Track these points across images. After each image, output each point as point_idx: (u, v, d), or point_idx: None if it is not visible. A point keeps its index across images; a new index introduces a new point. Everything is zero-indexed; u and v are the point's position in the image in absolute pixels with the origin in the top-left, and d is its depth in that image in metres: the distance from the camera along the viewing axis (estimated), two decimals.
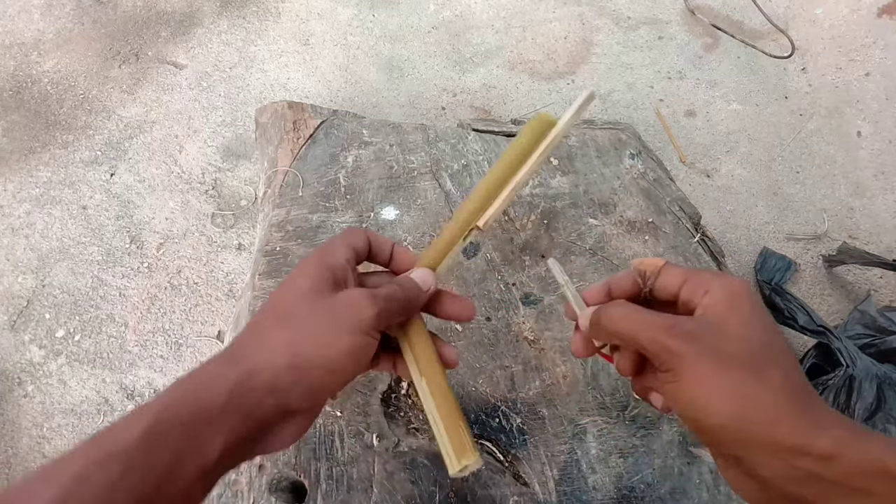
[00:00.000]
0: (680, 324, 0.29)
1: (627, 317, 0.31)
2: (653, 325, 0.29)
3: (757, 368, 0.26)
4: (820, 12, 1.48)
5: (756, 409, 0.25)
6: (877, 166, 1.25)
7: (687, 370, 0.27)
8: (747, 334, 0.28)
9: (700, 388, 0.27)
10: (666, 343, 0.28)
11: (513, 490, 0.50)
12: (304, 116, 0.75)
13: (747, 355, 0.27)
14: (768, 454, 0.25)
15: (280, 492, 0.50)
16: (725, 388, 0.26)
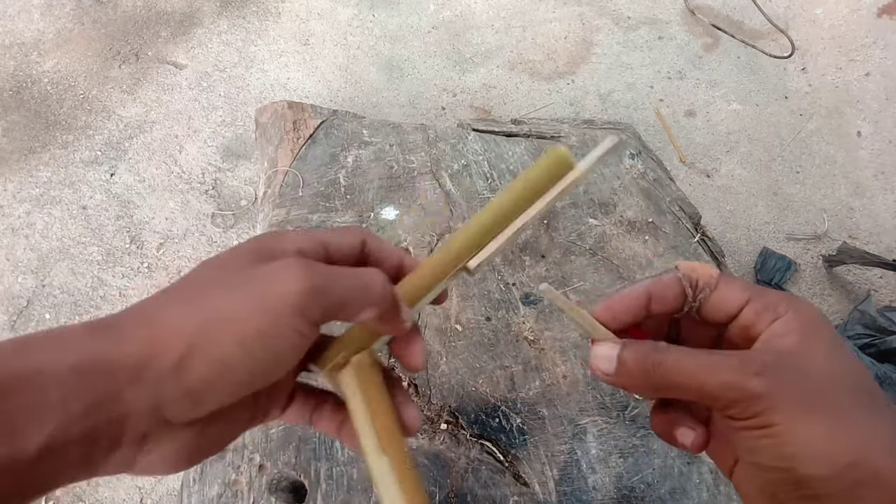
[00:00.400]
0: (754, 359, 0.23)
1: (683, 362, 0.24)
2: (723, 365, 0.23)
3: (865, 408, 0.22)
4: (820, 12, 1.48)
5: (878, 455, 0.21)
6: (877, 166, 1.25)
7: (781, 414, 0.22)
8: (839, 369, 0.23)
9: (803, 434, 0.22)
10: (748, 386, 0.22)
11: (513, 490, 0.50)
12: (304, 116, 0.75)
13: (849, 392, 0.22)
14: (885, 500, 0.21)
15: (280, 492, 0.50)
16: (837, 431, 0.21)
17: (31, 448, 0.19)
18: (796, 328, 0.24)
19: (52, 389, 0.19)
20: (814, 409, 0.22)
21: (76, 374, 0.19)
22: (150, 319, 0.22)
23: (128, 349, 0.21)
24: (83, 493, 0.95)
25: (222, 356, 0.21)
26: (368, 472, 0.28)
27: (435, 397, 0.54)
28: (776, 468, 0.23)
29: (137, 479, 0.95)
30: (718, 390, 0.23)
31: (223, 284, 0.23)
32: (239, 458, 0.51)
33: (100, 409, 0.20)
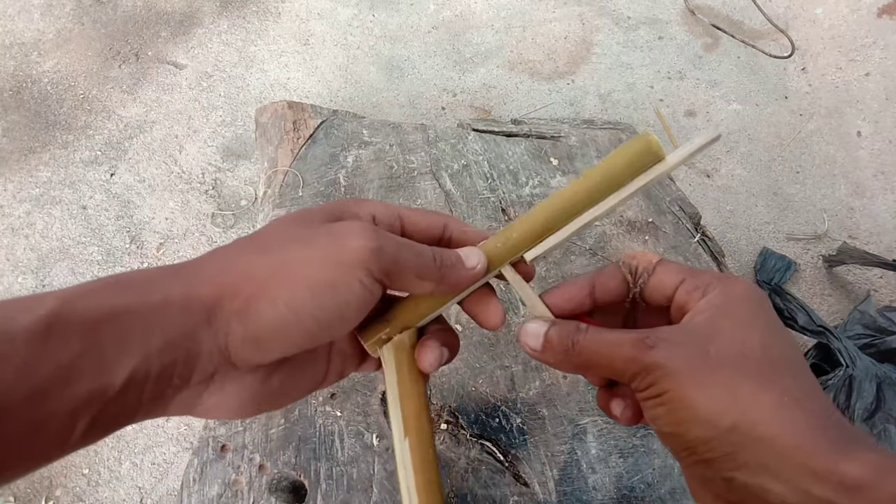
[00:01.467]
0: (652, 333, 0.24)
1: (592, 341, 0.25)
2: (622, 341, 0.24)
3: (760, 375, 0.22)
4: (820, 12, 1.48)
5: (761, 420, 0.21)
6: (877, 166, 1.25)
7: (671, 381, 0.23)
8: (745, 339, 0.23)
9: (688, 398, 0.22)
10: (642, 358, 0.23)
11: (513, 490, 0.50)
12: (304, 116, 0.75)
13: (746, 361, 0.23)
14: (774, 476, 0.21)
15: (280, 492, 0.50)
16: (719, 395, 0.22)
17: (118, 381, 0.20)
18: (716, 305, 0.24)
19: (137, 326, 0.21)
20: (702, 378, 0.22)
21: (158, 311, 0.21)
22: (225, 265, 0.23)
23: (202, 291, 0.22)
24: (83, 493, 0.95)
25: (291, 301, 0.22)
26: (393, 449, 0.29)
27: (435, 397, 0.54)
28: (671, 434, 0.24)
29: (137, 480, 0.96)
30: (622, 364, 0.24)
31: (295, 237, 0.24)
32: (239, 458, 0.51)
33: (176, 347, 0.21)
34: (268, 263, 0.23)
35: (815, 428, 0.21)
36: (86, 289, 0.21)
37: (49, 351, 0.19)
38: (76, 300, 0.20)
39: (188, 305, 0.22)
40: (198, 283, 0.22)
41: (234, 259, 0.24)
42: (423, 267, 0.26)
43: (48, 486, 0.96)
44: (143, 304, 0.21)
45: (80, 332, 0.20)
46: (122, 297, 0.21)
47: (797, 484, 0.20)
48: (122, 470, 0.96)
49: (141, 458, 0.97)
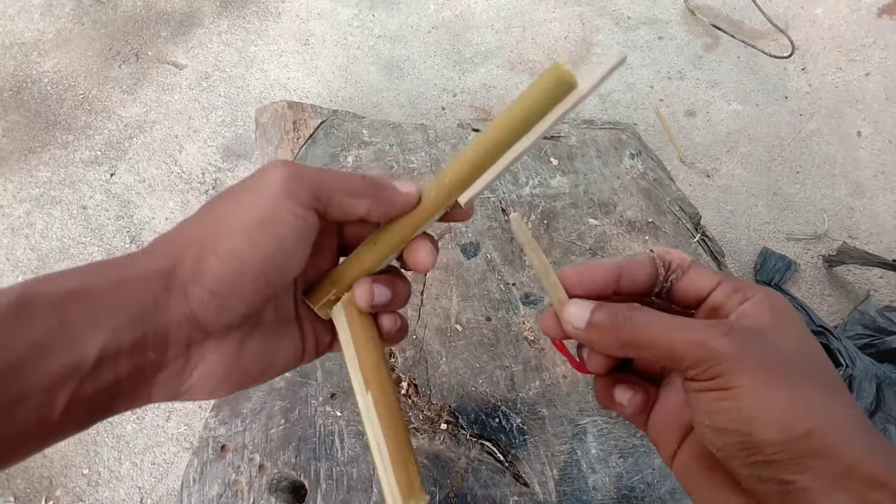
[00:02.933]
0: (723, 323, 0.24)
1: (653, 320, 0.25)
2: (691, 324, 0.24)
3: (826, 387, 0.22)
4: (820, 12, 1.48)
5: (834, 429, 0.21)
6: (877, 166, 1.25)
7: (745, 376, 0.22)
8: (806, 348, 0.23)
9: (764, 397, 0.22)
10: (714, 345, 0.22)
11: (513, 490, 0.50)
12: (304, 116, 0.75)
13: (811, 371, 0.23)
14: (838, 482, 0.21)
15: (280, 492, 0.50)
16: (797, 400, 0.22)
17: (91, 353, 0.21)
18: (766, 309, 0.24)
19: (100, 302, 0.22)
20: (776, 378, 0.22)
21: (118, 287, 0.22)
22: (172, 236, 0.25)
23: (159, 263, 0.23)
24: (83, 493, 0.95)
25: (230, 249, 0.23)
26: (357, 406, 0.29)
27: (435, 397, 0.54)
28: (732, 431, 0.23)
29: (138, 480, 0.95)
30: (685, 348, 0.23)
31: (229, 193, 0.25)
32: (239, 458, 0.51)
33: (143, 318, 0.22)
34: (205, 222, 0.25)
35: (873, 442, 0.21)
36: (51, 275, 0.22)
37: (19, 328, 0.20)
38: (42, 284, 0.21)
39: (147, 278, 0.23)
40: (154, 256, 0.24)
41: (179, 228, 0.25)
42: (353, 184, 0.26)
43: (48, 486, 0.96)
44: (105, 281, 0.22)
45: (47, 311, 0.21)
46: (84, 278, 0.22)
47: (858, 491, 0.21)
48: (122, 470, 0.96)
49: (141, 458, 0.97)
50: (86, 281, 0.22)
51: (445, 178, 0.29)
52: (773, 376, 0.22)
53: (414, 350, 0.56)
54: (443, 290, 0.60)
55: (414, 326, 0.57)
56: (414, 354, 0.56)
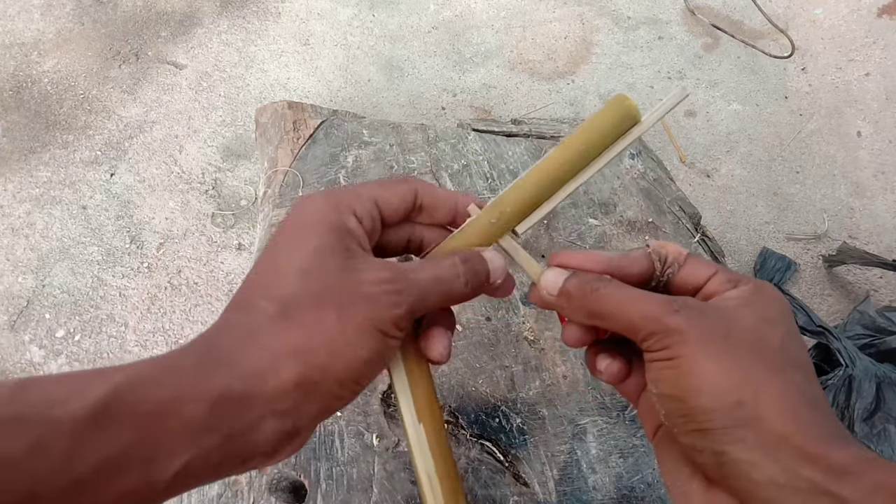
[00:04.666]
0: (683, 301, 0.25)
1: (616, 293, 0.26)
2: (648, 299, 0.25)
3: (773, 364, 0.23)
4: (820, 12, 1.48)
5: (766, 402, 0.22)
6: (877, 166, 1.25)
7: (687, 347, 0.23)
8: (766, 331, 0.24)
9: (700, 367, 0.23)
10: (665, 320, 0.24)
11: (513, 490, 0.50)
12: (304, 116, 0.75)
13: (762, 349, 0.23)
14: (767, 454, 0.21)
15: (280, 492, 0.50)
16: (732, 371, 0.23)
17: (168, 474, 0.20)
18: (745, 297, 0.25)
19: (194, 421, 0.20)
20: (717, 351, 0.23)
21: (216, 408, 0.21)
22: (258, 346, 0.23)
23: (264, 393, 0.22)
24: None
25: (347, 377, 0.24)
26: (406, 438, 0.29)
27: None
28: (673, 397, 0.24)
29: None
30: (641, 321, 0.25)
31: (326, 300, 0.24)
32: None
33: (232, 441, 0.21)
34: (319, 344, 0.23)
35: (813, 419, 0.22)
36: (138, 374, 0.20)
37: (95, 442, 0.18)
38: (128, 389, 0.19)
39: (247, 406, 0.22)
40: (250, 383, 0.22)
41: (279, 341, 0.23)
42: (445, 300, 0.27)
43: None
44: (199, 398, 0.21)
45: (131, 424, 0.19)
46: (177, 387, 0.20)
47: (788, 464, 0.21)
48: None
49: None
50: (181, 390, 0.20)
51: (506, 207, 0.28)
52: (714, 349, 0.23)
53: None
54: None
55: None
56: None
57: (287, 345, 0.23)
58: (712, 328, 0.24)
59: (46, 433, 0.18)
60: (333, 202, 0.26)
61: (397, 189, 0.28)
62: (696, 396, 0.23)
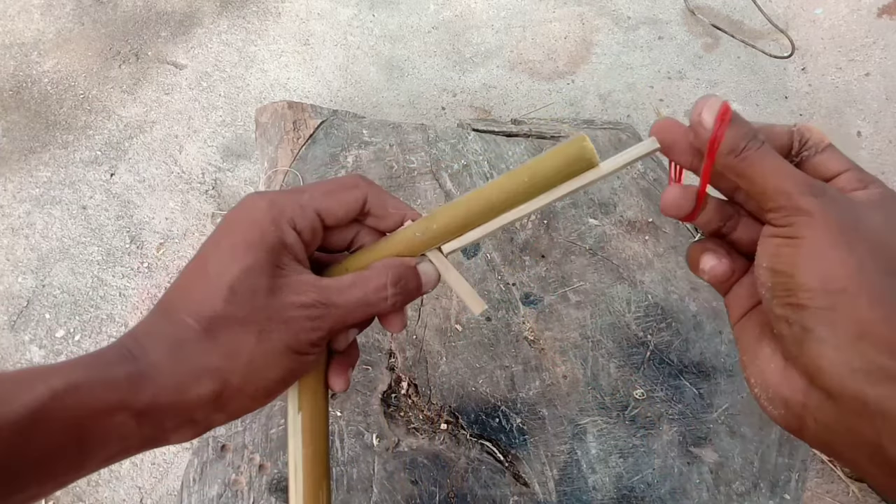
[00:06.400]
0: (823, 187, 0.25)
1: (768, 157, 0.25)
2: (794, 175, 0.25)
3: (886, 267, 0.23)
4: (820, 12, 1.48)
5: (867, 297, 0.22)
6: (877, 166, 1.25)
7: (812, 231, 0.23)
8: (890, 236, 0.24)
9: (820, 251, 0.23)
10: (799, 199, 0.24)
11: (513, 490, 0.50)
12: (304, 116, 0.75)
13: (881, 251, 0.23)
14: (850, 340, 0.22)
15: (280, 492, 0.50)
16: (848, 263, 0.23)
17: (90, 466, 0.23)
18: (876, 200, 0.25)
19: (123, 427, 0.23)
20: (840, 241, 0.23)
21: (144, 417, 0.23)
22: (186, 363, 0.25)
23: (179, 407, 0.25)
24: (83, 493, 0.95)
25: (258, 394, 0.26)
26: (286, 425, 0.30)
27: (435, 397, 0.54)
28: (781, 272, 0.24)
29: (137, 479, 0.95)
30: (775, 193, 0.25)
31: (248, 321, 0.25)
32: (239, 458, 0.51)
33: (158, 440, 0.25)
34: (237, 366, 0.25)
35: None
36: (73, 381, 0.22)
37: (33, 441, 0.20)
38: (65, 394, 0.21)
39: (163, 417, 0.24)
40: (171, 397, 0.24)
41: (202, 361, 0.25)
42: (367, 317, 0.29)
43: None
44: (129, 408, 0.23)
45: (67, 427, 0.21)
46: (108, 398, 0.23)
47: (867, 351, 0.21)
48: (122, 470, 0.96)
49: (141, 458, 0.96)
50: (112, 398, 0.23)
51: (434, 223, 0.28)
52: (837, 238, 0.23)
53: (414, 350, 0.56)
54: (443, 290, 0.60)
55: (414, 326, 0.58)
56: (414, 354, 0.56)
57: (208, 363, 0.25)
58: (841, 219, 0.24)
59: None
60: (275, 213, 0.26)
61: (344, 198, 0.29)
62: (806, 275, 0.23)
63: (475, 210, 0.28)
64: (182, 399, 0.24)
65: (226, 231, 0.27)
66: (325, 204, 0.28)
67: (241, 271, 0.25)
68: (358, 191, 0.29)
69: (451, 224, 0.28)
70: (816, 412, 0.23)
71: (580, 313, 0.59)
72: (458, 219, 0.28)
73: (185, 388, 0.24)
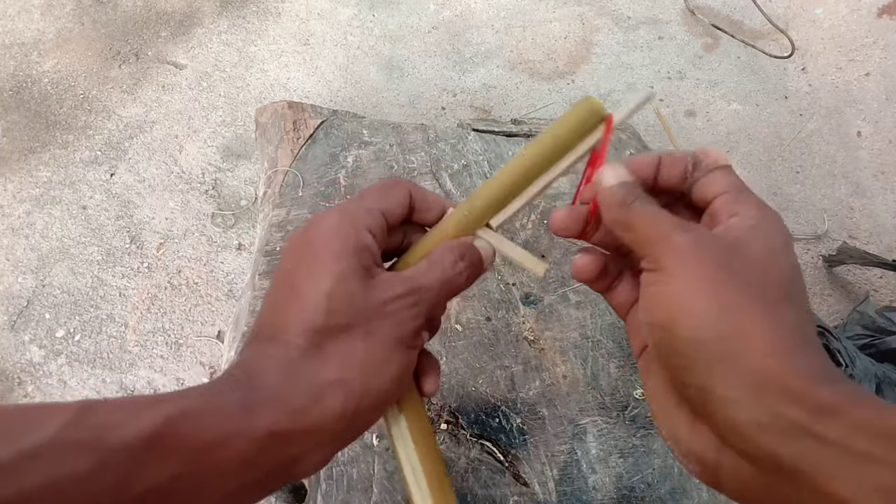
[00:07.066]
0: (695, 225, 0.24)
1: (645, 208, 0.25)
2: (664, 218, 0.24)
3: (767, 298, 0.22)
4: (820, 12, 1.48)
5: (757, 338, 0.20)
6: (877, 166, 1.25)
7: (680, 269, 0.22)
8: (770, 264, 0.23)
9: (689, 292, 0.22)
10: (672, 236, 0.23)
11: (513, 490, 0.50)
12: (304, 116, 0.75)
13: (760, 283, 0.22)
14: (750, 391, 0.20)
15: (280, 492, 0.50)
16: (722, 301, 0.21)
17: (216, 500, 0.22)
18: (749, 224, 0.24)
19: (240, 457, 0.22)
20: (712, 278, 0.22)
21: (260, 447, 0.22)
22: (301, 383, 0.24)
23: (305, 433, 0.24)
24: None
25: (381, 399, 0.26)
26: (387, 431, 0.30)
27: (435, 397, 0.54)
28: (661, 326, 0.23)
29: None
30: (650, 234, 0.24)
31: (346, 328, 0.25)
32: None
33: (277, 476, 0.23)
34: (356, 374, 0.25)
35: (803, 357, 0.20)
36: (187, 408, 0.21)
37: (147, 469, 0.19)
38: (180, 421, 0.21)
39: (288, 445, 0.23)
40: (293, 422, 0.23)
41: (318, 375, 0.24)
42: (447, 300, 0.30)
43: None
44: (246, 436, 0.22)
45: (181, 457, 0.20)
46: (224, 426, 0.22)
47: (773, 404, 0.20)
48: None
49: None
50: (227, 428, 0.22)
51: (478, 201, 0.29)
52: (708, 275, 0.22)
53: None
54: None
55: None
56: None
57: (325, 378, 0.24)
58: (714, 254, 0.23)
59: (104, 457, 0.19)
60: (350, 220, 0.27)
61: (397, 196, 0.29)
62: (683, 326, 0.22)
63: (512, 181, 0.29)
64: (305, 421, 0.23)
65: (305, 249, 0.26)
66: (384, 204, 0.28)
67: (335, 280, 0.25)
68: (403, 187, 0.29)
69: (492, 199, 0.29)
70: (732, 471, 0.22)
71: (580, 313, 0.59)
72: (498, 192, 0.29)
73: (307, 409, 0.23)
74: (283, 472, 0.23)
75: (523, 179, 0.29)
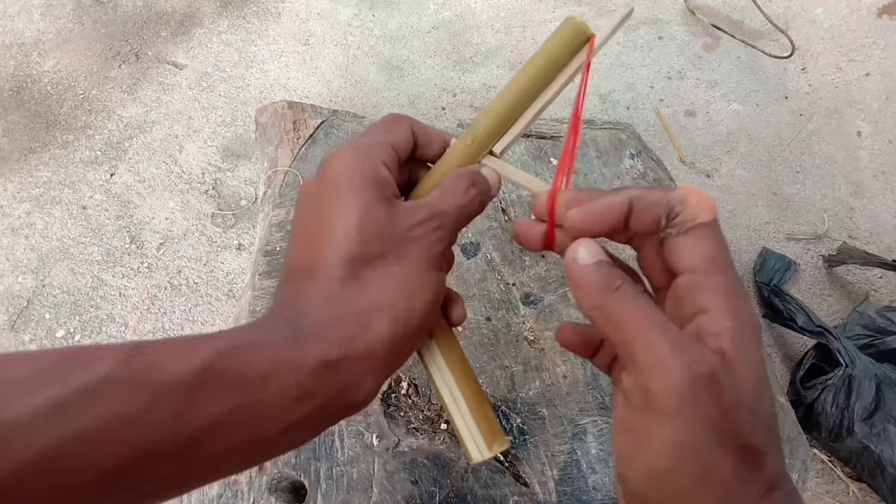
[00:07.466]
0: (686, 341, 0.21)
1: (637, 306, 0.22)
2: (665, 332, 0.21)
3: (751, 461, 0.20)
4: (820, 12, 1.48)
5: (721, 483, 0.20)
6: (877, 166, 1.25)
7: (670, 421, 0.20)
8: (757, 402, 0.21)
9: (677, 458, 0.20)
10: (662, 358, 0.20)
11: (513, 490, 0.50)
12: (304, 116, 0.75)
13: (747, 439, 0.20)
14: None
15: (280, 492, 0.50)
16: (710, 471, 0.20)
17: (273, 431, 0.22)
18: (731, 334, 0.21)
19: (294, 388, 0.22)
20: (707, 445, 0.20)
21: (314, 376, 0.23)
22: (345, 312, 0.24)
23: (356, 361, 0.24)
24: None
25: (424, 320, 0.26)
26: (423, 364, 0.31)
27: (435, 397, 0.54)
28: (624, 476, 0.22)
29: None
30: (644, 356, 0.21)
31: (380, 255, 0.25)
32: None
33: (333, 402, 0.24)
34: (397, 296, 0.25)
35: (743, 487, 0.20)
36: (238, 341, 0.22)
37: (202, 403, 0.20)
38: (231, 354, 0.21)
39: (339, 376, 0.23)
40: (343, 352, 0.24)
41: (362, 301, 0.25)
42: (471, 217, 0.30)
43: None
44: (298, 368, 0.22)
45: (235, 391, 0.21)
46: (275, 359, 0.22)
47: None
48: None
49: None
50: (280, 357, 0.22)
51: (479, 128, 0.30)
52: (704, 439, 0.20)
53: None
54: None
55: None
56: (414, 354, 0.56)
57: (369, 303, 0.25)
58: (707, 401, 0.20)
59: (159, 393, 0.19)
60: (364, 155, 0.27)
61: (403, 130, 0.29)
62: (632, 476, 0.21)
63: (509, 105, 0.30)
64: (355, 348, 0.24)
65: (326, 188, 0.27)
66: (392, 138, 0.29)
67: (362, 211, 0.25)
68: (406, 122, 0.30)
69: (493, 124, 0.30)
70: None
71: (580, 313, 0.59)
72: (497, 117, 0.30)
73: (356, 336, 0.24)
74: (337, 401, 0.24)
75: (520, 104, 0.30)
